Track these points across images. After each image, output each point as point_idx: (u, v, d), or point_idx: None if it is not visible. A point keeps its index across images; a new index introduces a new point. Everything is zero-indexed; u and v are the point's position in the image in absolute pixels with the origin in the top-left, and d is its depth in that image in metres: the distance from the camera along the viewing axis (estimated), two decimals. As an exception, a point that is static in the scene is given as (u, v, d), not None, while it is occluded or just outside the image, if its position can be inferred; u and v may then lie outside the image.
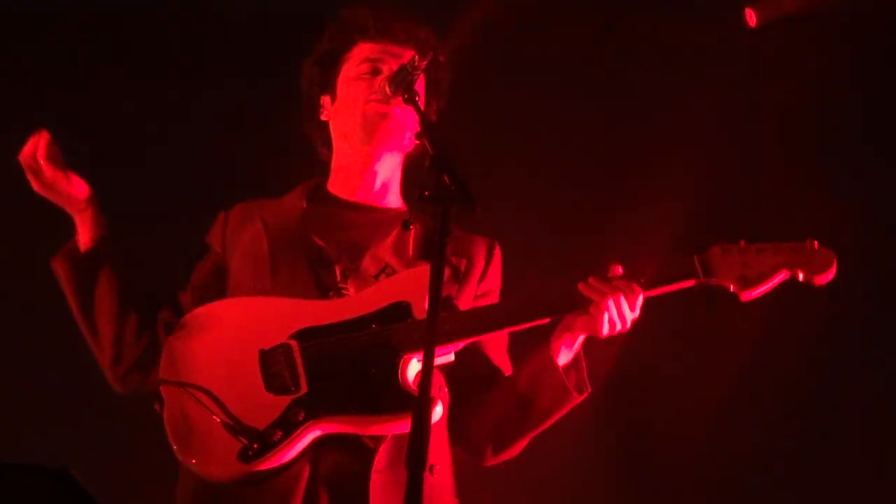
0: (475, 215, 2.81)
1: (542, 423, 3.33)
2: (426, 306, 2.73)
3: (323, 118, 3.56)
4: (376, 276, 3.33)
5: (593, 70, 4.96)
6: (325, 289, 3.31)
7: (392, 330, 3.16)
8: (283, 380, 3.14)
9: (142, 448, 3.91)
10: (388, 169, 3.51)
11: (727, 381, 4.77)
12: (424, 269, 2.91)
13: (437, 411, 3.09)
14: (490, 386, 3.36)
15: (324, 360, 3.15)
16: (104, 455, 4.47)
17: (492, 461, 3.40)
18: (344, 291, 3.31)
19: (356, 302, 3.25)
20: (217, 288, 3.42)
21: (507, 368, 3.42)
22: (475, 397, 3.34)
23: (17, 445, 4.37)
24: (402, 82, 3.16)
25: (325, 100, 3.55)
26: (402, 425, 3.03)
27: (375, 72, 3.43)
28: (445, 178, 2.80)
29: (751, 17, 4.65)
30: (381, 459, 3.16)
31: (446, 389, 3.24)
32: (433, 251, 2.75)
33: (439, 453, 3.25)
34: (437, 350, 2.87)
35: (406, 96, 3.12)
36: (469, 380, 3.33)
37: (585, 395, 3.30)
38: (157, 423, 3.20)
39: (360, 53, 3.48)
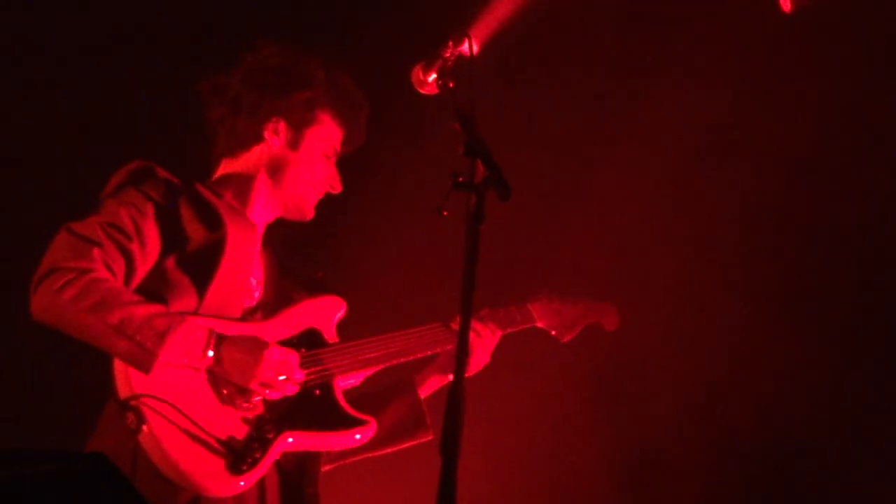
0: (508, 201, 2.81)
1: (379, 449, 3.65)
2: (332, 331, 3.51)
3: (267, 137, 3.55)
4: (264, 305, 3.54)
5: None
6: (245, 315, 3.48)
7: (320, 354, 3.46)
8: (232, 396, 3.28)
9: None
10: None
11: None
12: (323, 300, 3.55)
13: (358, 437, 3.46)
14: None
15: None
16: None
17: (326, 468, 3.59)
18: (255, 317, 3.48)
19: (277, 325, 3.45)
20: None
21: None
22: None
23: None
24: (440, 69, 3.11)
25: (285, 129, 3.55)
26: (348, 440, 3.44)
27: (330, 161, 3.59)
28: (479, 164, 2.80)
29: (785, 3, 4.60)
30: None
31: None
32: (467, 239, 2.76)
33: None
34: (345, 377, 3.49)
35: (440, 82, 3.11)
36: None
37: (430, 437, 3.67)
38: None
39: (331, 131, 3.59)
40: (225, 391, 3.27)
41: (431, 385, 3.69)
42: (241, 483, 3.22)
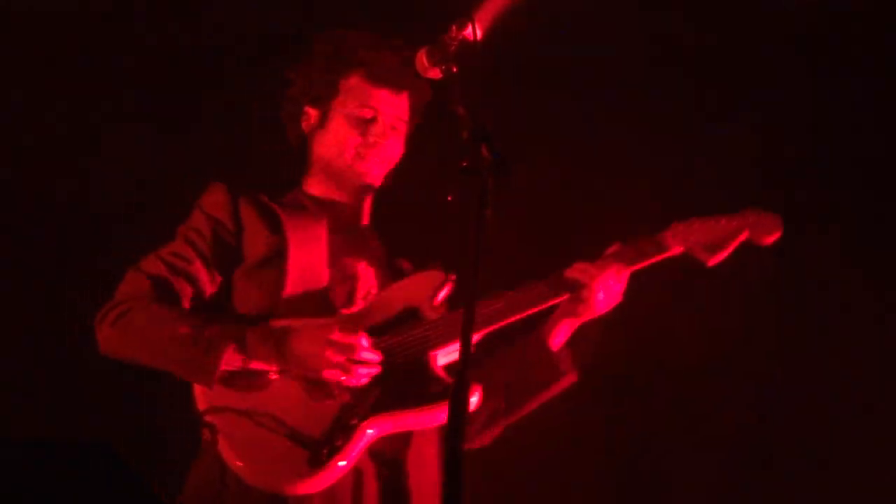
0: (512, 186, 2.80)
1: (522, 406, 3.49)
2: (432, 306, 3.33)
3: (305, 129, 3.60)
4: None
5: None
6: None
7: (413, 331, 3.32)
8: (307, 388, 3.23)
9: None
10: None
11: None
12: (422, 276, 3.41)
13: (474, 400, 3.25)
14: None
15: None
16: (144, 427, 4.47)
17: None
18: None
19: (371, 311, 3.37)
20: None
21: None
22: None
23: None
24: (442, 56, 3.07)
25: (312, 111, 3.58)
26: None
27: (370, 120, 3.50)
28: (484, 150, 2.79)
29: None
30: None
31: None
32: (473, 224, 2.72)
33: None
34: (443, 348, 3.28)
35: (444, 67, 3.07)
36: None
37: (573, 379, 3.48)
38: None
39: (359, 91, 3.52)
40: (299, 385, 3.22)
41: (564, 331, 3.47)
42: (324, 476, 3.14)
